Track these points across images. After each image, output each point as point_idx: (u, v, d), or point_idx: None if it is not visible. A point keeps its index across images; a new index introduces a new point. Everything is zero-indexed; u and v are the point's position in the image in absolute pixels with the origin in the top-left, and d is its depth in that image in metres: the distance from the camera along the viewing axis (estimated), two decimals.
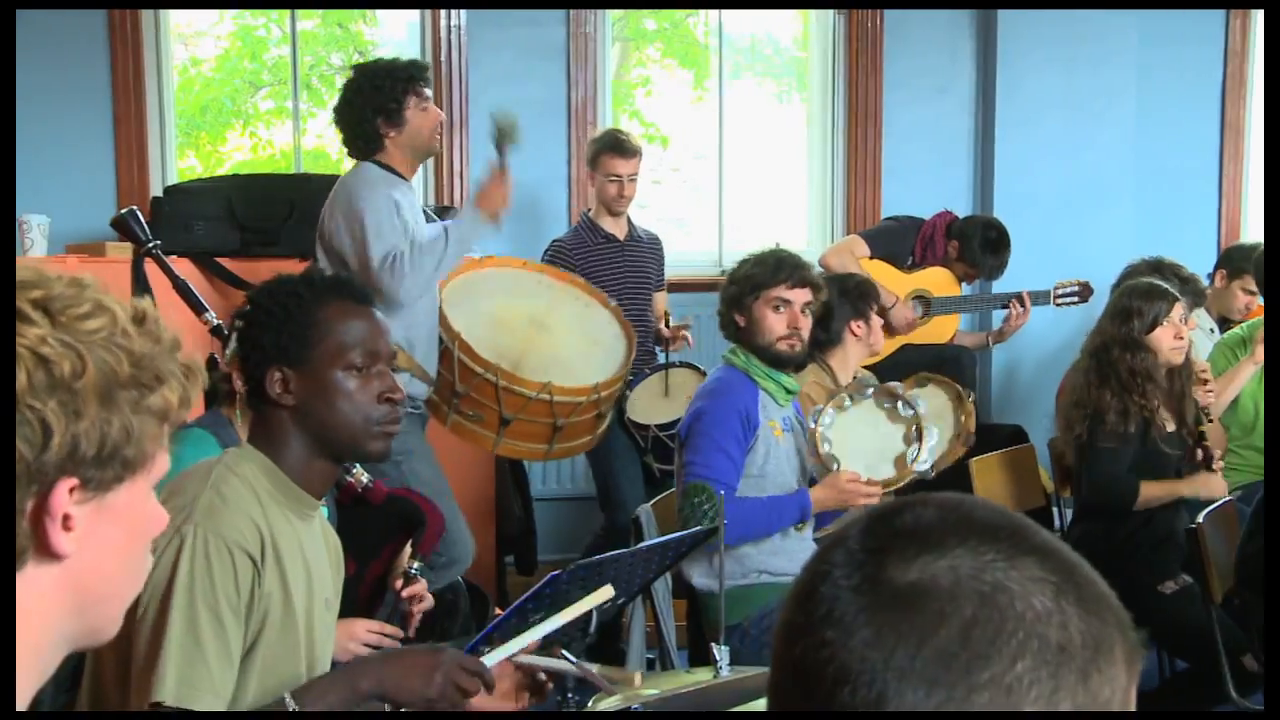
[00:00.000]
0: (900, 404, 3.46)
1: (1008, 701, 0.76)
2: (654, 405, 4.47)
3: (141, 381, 0.99)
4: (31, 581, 0.97)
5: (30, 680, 0.99)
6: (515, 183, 3.74)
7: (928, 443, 3.40)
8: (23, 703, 0.99)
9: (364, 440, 2.04)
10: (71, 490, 0.96)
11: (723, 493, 2.86)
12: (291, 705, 1.87)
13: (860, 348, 3.99)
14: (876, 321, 4.02)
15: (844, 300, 3.92)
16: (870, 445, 3.46)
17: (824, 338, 3.86)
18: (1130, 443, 3.68)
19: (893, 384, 3.53)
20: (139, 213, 4.19)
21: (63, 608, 0.99)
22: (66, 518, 0.96)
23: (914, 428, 3.43)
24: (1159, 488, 3.69)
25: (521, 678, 2.19)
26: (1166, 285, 3.88)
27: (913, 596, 0.79)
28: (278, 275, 2.14)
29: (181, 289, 3.97)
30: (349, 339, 2.02)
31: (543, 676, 2.19)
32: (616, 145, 4.69)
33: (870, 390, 3.51)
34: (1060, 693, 0.77)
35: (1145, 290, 3.81)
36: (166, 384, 1.02)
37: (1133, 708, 0.82)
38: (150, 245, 4.08)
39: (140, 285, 4.15)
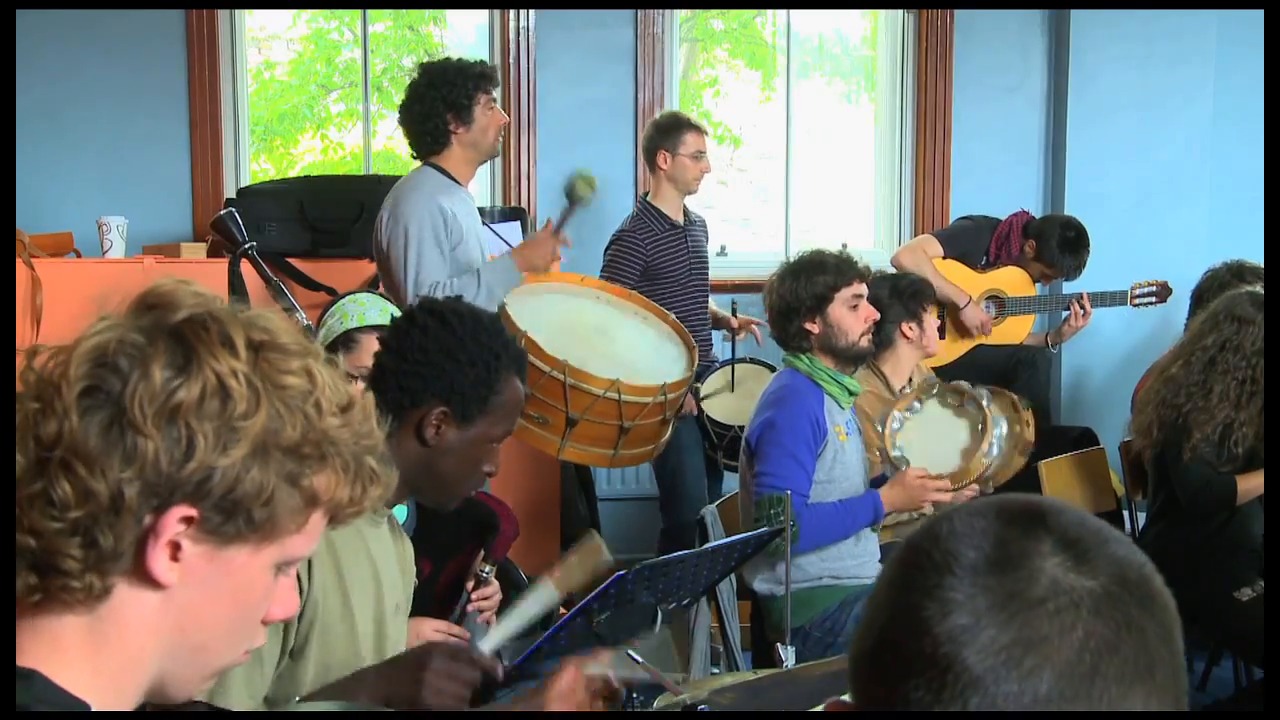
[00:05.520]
0: (966, 400, 3.43)
1: None
2: (728, 403, 4.44)
3: (303, 453, 0.99)
4: (133, 601, 0.98)
5: (125, 689, 1.00)
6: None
7: (994, 433, 3.37)
8: (128, 706, 1.01)
9: (451, 500, 2.11)
10: (187, 520, 0.97)
11: (789, 492, 2.85)
12: None
13: (913, 350, 3.89)
14: (930, 322, 3.90)
15: (895, 301, 3.82)
16: (939, 444, 3.43)
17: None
18: (1224, 452, 3.59)
19: (959, 382, 3.51)
20: (237, 214, 4.27)
21: (158, 637, 1.00)
22: (177, 547, 0.97)
23: (980, 423, 3.41)
24: (1257, 477, 3.59)
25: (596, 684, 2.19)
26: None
27: (1044, 609, 0.80)
28: (473, 309, 2.09)
29: (275, 289, 4.06)
30: (508, 419, 2.07)
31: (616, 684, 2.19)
32: (694, 123, 4.65)
33: (935, 389, 3.49)
34: None
35: (1260, 299, 3.72)
36: (329, 470, 1.01)
37: None
38: (246, 246, 4.16)
39: (236, 285, 4.22)
